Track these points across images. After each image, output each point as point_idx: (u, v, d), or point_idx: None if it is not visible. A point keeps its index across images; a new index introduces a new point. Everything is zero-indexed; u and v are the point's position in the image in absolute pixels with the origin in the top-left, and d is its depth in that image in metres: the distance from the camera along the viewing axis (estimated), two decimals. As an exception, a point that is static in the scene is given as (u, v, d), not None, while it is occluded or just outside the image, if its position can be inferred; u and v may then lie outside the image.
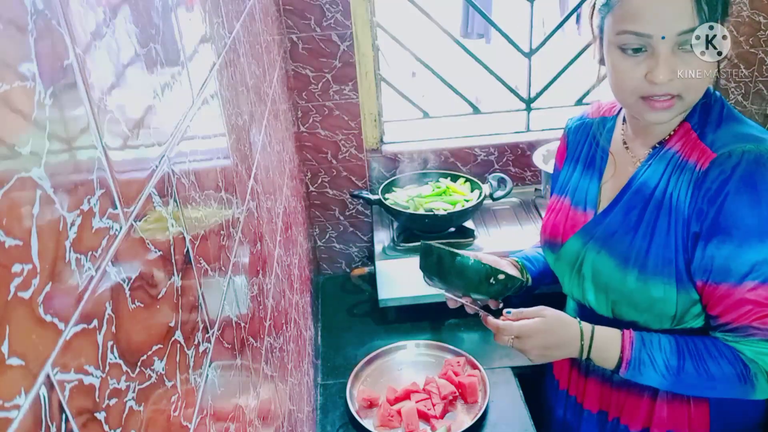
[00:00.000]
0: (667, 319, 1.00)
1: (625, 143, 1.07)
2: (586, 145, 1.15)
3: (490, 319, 1.09)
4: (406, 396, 1.45)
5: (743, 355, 0.93)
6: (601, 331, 1.02)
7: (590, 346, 1.00)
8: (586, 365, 1.15)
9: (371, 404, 1.45)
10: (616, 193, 1.05)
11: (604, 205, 1.07)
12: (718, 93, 0.98)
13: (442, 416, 1.39)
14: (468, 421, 1.38)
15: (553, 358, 1.07)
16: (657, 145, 1.01)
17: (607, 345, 1.00)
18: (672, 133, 0.99)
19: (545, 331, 1.03)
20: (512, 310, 1.08)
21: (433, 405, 1.41)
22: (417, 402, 1.42)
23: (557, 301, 1.28)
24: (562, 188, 1.17)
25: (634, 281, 0.98)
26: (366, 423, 1.39)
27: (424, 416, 1.39)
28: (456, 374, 1.49)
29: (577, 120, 1.20)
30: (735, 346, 0.94)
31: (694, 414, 1.05)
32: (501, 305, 1.13)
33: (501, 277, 1.08)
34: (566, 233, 1.10)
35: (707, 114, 0.96)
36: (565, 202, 1.14)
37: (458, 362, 1.53)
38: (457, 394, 1.44)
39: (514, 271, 1.20)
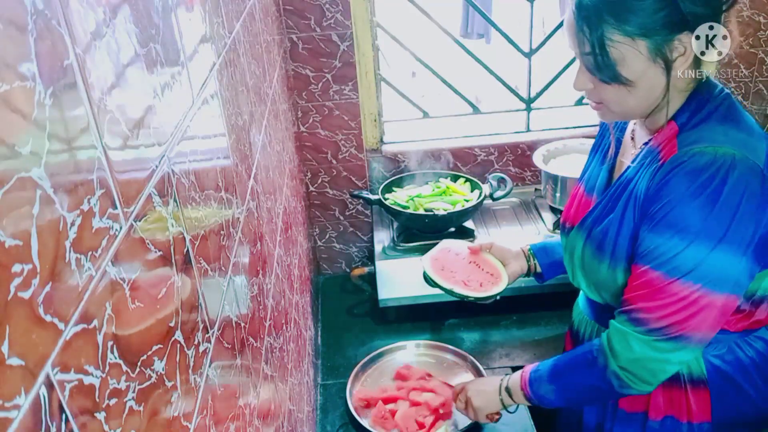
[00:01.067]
0: None
1: (632, 137, 1.10)
2: (606, 136, 1.19)
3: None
4: (393, 400, 1.44)
5: (605, 333, 1.01)
6: (514, 376, 1.20)
7: (507, 380, 1.19)
8: None
9: (368, 404, 1.45)
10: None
11: None
12: (725, 92, 0.98)
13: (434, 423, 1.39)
14: (468, 421, 1.38)
15: (485, 392, 1.23)
16: (647, 141, 1.03)
17: (516, 376, 1.18)
18: (659, 130, 1.00)
19: (478, 378, 1.35)
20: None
21: (425, 415, 1.40)
22: (411, 406, 1.41)
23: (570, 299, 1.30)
24: (582, 175, 1.22)
25: (606, 268, 1.04)
26: (366, 423, 1.39)
27: (420, 425, 1.38)
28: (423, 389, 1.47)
29: None
30: (610, 322, 1.01)
31: (694, 400, 1.06)
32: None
33: (470, 299, 1.32)
34: (575, 219, 1.14)
35: (697, 111, 0.96)
36: (580, 189, 1.19)
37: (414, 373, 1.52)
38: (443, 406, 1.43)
39: (515, 265, 1.34)
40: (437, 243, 1.70)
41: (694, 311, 0.92)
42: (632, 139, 1.09)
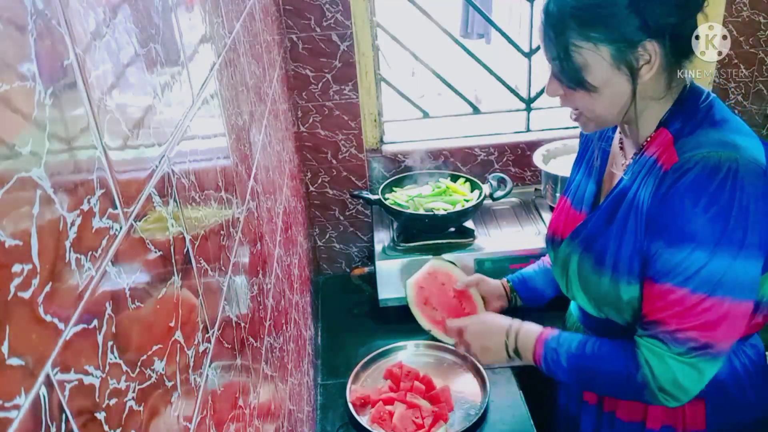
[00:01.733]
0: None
1: (621, 145, 1.09)
2: (590, 148, 1.18)
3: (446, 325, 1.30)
4: (389, 401, 1.44)
5: (643, 354, 0.96)
6: (527, 326, 1.13)
7: (516, 338, 1.13)
8: None
9: (364, 403, 1.45)
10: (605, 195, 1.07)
11: None
12: (711, 96, 0.98)
13: (434, 423, 1.39)
14: (468, 421, 1.38)
15: (490, 350, 1.17)
16: (638, 150, 1.02)
17: (528, 339, 1.11)
18: (650, 138, 1.00)
19: (479, 322, 1.22)
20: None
21: (423, 417, 1.40)
22: (407, 409, 1.41)
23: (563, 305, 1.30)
24: (567, 188, 1.20)
25: (607, 282, 1.01)
26: (366, 423, 1.39)
27: (419, 426, 1.38)
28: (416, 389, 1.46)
29: None
30: (641, 344, 0.97)
31: (689, 411, 1.06)
32: None
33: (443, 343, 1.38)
34: (564, 233, 1.12)
35: (690, 118, 0.96)
36: (567, 203, 1.17)
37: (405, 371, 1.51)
38: (436, 410, 1.42)
39: (497, 304, 1.37)
40: (434, 245, 1.71)
41: (729, 323, 0.91)
42: (621, 149, 1.08)
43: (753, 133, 0.95)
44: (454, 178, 1.90)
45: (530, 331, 1.12)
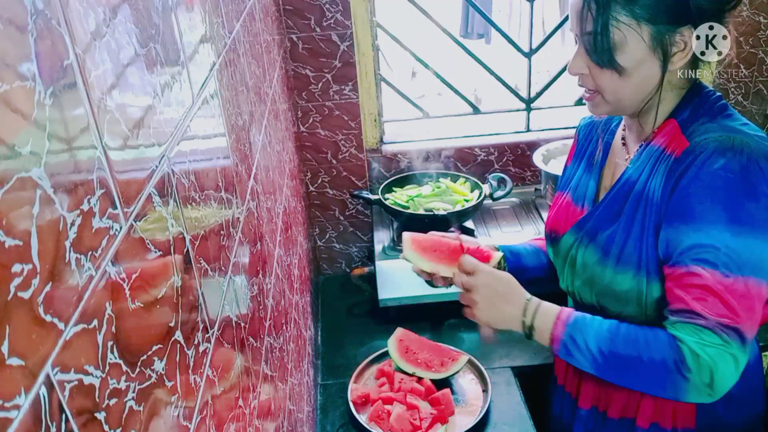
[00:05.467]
0: (651, 310, 0.99)
1: (623, 141, 1.10)
2: (591, 143, 1.18)
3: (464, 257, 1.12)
4: (389, 401, 1.44)
5: (684, 344, 0.90)
6: (545, 305, 1.04)
7: (534, 313, 1.03)
8: None
9: (365, 401, 1.45)
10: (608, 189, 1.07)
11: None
12: (716, 92, 1.00)
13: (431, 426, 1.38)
14: (468, 421, 1.38)
15: (498, 314, 1.06)
16: (643, 142, 1.02)
17: (547, 317, 1.02)
18: (656, 129, 1.00)
19: (496, 279, 1.07)
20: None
21: (421, 419, 1.39)
22: (406, 410, 1.41)
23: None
24: (566, 184, 1.20)
25: (611, 273, 1.00)
26: (364, 421, 1.38)
27: (416, 427, 1.38)
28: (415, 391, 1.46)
29: (588, 118, 1.24)
30: (677, 335, 0.91)
31: (679, 407, 1.06)
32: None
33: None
34: (565, 228, 1.13)
35: (698, 108, 0.97)
36: (566, 198, 1.17)
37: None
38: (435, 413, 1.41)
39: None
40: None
41: (751, 306, 0.89)
42: (624, 144, 1.09)
43: (760, 130, 0.96)
44: (454, 178, 1.90)
45: (549, 310, 1.03)
